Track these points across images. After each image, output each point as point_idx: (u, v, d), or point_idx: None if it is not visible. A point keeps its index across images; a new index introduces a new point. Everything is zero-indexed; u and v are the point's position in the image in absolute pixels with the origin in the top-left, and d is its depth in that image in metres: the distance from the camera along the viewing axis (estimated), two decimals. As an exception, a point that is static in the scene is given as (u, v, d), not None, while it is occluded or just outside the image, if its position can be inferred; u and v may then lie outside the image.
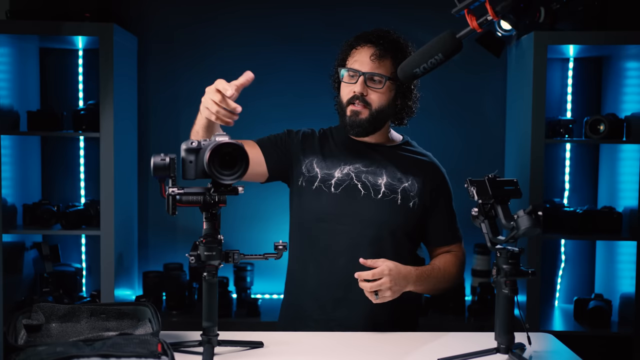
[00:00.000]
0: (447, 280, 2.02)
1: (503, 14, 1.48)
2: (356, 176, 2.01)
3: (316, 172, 2.03)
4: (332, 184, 2.01)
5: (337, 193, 2.00)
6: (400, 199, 1.99)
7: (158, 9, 3.37)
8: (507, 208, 1.61)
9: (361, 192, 1.99)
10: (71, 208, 3.05)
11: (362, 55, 1.99)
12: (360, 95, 1.98)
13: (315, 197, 2.01)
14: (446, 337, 1.86)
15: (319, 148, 2.08)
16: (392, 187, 2.00)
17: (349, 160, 2.04)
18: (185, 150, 1.59)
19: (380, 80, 1.98)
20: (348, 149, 2.07)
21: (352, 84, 1.99)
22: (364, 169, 2.03)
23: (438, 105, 3.39)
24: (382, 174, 2.02)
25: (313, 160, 2.06)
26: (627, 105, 3.11)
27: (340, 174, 2.02)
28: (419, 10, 3.33)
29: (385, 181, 2.01)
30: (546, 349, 1.77)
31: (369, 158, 2.05)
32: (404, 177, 2.02)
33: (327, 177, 2.02)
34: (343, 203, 1.99)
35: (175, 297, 3.17)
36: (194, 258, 1.57)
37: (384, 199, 1.99)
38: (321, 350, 1.73)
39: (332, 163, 2.04)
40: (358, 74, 1.98)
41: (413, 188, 2.01)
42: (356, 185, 2.00)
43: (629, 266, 3.07)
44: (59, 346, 1.44)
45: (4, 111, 2.97)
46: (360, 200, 1.99)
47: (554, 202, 3.22)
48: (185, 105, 3.38)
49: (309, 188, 2.02)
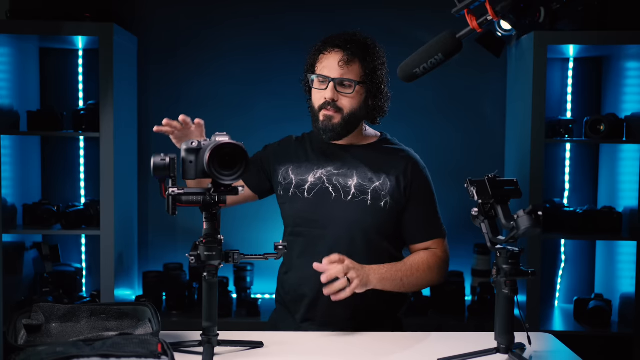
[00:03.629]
0: (419, 277, 1.99)
1: (503, 14, 1.48)
2: (328, 179, 2.04)
3: (291, 178, 2.08)
4: (306, 189, 2.05)
5: (310, 198, 2.04)
6: (370, 199, 2.01)
7: (158, 9, 3.37)
8: (507, 208, 1.61)
9: (332, 195, 2.02)
10: (71, 208, 3.05)
11: (331, 61, 2.00)
12: (331, 101, 1.99)
13: (292, 203, 2.06)
14: (446, 337, 1.86)
15: (294, 155, 2.12)
16: (362, 187, 2.02)
17: (322, 164, 2.07)
18: (185, 150, 1.59)
19: (350, 85, 2.00)
20: (322, 153, 2.10)
21: (322, 90, 2.01)
22: (335, 172, 2.05)
23: (438, 105, 3.40)
24: (353, 175, 2.04)
25: (289, 168, 2.10)
26: (627, 105, 3.11)
27: (313, 178, 2.06)
28: (419, 10, 3.34)
29: (355, 182, 2.03)
30: (546, 349, 1.77)
31: (341, 160, 2.07)
32: (375, 177, 2.04)
33: (301, 182, 2.06)
34: (316, 207, 2.02)
35: (175, 297, 3.17)
36: (194, 258, 1.57)
37: (353, 200, 2.01)
38: (321, 350, 1.73)
39: (306, 169, 2.08)
40: (328, 80, 2.00)
41: (385, 187, 2.02)
42: (327, 189, 2.03)
43: (629, 266, 3.07)
44: (59, 346, 1.44)
45: (4, 111, 2.97)
46: (332, 203, 2.02)
47: (554, 202, 3.22)
48: (185, 105, 3.38)
49: (286, 195, 2.07)
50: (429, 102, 3.40)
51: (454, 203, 3.21)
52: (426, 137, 3.39)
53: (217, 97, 3.38)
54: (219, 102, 3.38)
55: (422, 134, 3.39)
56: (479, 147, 3.41)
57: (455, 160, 3.37)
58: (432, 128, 3.39)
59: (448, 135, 3.40)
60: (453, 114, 3.41)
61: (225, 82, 3.38)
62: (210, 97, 3.38)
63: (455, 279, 3.24)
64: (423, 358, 1.68)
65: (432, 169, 2.18)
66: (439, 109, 3.39)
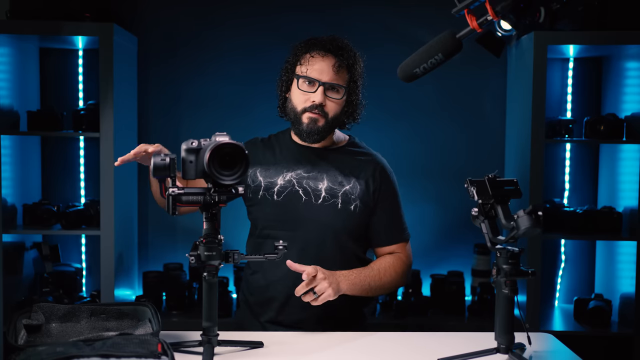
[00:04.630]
0: (386, 282, 2.02)
1: (503, 14, 1.48)
2: (297, 182, 2.04)
3: (259, 181, 2.07)
4: (275, 192, 2.04)
5: (280, 200, 2.03)
6: (340, 202, 2.02)
7: (158, 9, 3.37)
8: (507, 208, 1.61)
9: (302, 198, 2.02)
10: (71, 208, 3.05)
11: (323, 65, 2.00)
12: (318, 105, 1.99)
13: (260, 205, 2.06)
14: (446, 337, 1.86)
15: (262, 157, 2.11)
16: (333, 191, 2.02)
17: (292, 166, 2.07)
18: (185, 150, 1.59)
19: (340, 90, 2.01)
20: (291, 155, 2.09)
21: (309, 92, 2.00)
22: (305, 175, 2.05)
23: (438, 105, 3.40)
24: (323, 178, 2.04)
25: (256, 170, 2.09)
26: (627, 105, 3.11)
27: (282, 181, 2.05)
28: (419, 10, 3.34)
29: (325, 186, 2.03)
30: (546, 349, 1.77)
31: (311, 163, 2.07)
32: (345, 180, 2.04)
33: (270, 185, 2.05)
34: (286, 210, 2.02)
35: (175, 297, 3.17)
36: (194, 258, 1.57)
37: (324, 203, 2.01)
38: (321, 350, 1.73)
39: (275, 171, 2.07)
40: (318, 83, 1.99)
41: (354, 190, 2.03)
42: (297, 192, 2.03)
43: (629, 266, 3.07)
44: (59, 346, 1.44)
45: (4, 111, 2.97)
46: (302, 206, 2.02)
47: (554, 202, 3.22)
48: (185, 105, 3.39)
49: (255, 197, 2.06)
50: (429, 102, 3.40)
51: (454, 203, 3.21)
52: (426, 137, 3.39)
53: (217, 98, 3.38)
54: (219, 102, 3.38)
55: (422, 134, 3.39)
56: (479, 147, 3.41)
57: (455, 160, 3.37)
58: (432, 128, 3.38)
59: (448, 135, 3.40)
60: (453, 114, 3.41)
61: (225, 82, 3.38)
62: (210, 97, 3.38)
63: (455, 279, 3.24)
64: (423, 358, 1.68)
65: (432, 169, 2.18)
66: (438, 109, 3.39)
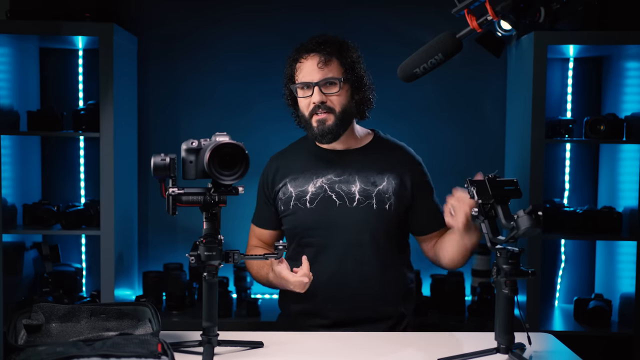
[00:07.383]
0: None
1: (503, 14, 1.48)
2: (330, 187, 2.04)
3: (290, 192, 2.08)
4: (307, 199, 2.05)
5: (313, 207, 2.04)
6: (375, 203, 2.02)
7: (158, 9, 3.37)
8: (507, 208, 1.61)
9: (336, 202, 2.03)
10: (71, 208, 3.05)
11: (309, 66, 2.01)
12: (320, 104, 1.99)
13: (294, 215, 2.07)
14: (446, 337, 1.86)
15: (288, 169, 2.12)
16: (366, 192, 2.03)
17: (321, 172, 2.07)
18: (185, 150, 1.59)
19: (335, 82, 2.01)
20: (319, 161, 2.09)
21: (308, 96, 2.02)
22: (336, 179, 2.05)
23: (438, 105, 3.40)
24: (355, 180, 2.05)
25: (287, 182, 2.10)
26: (627, 105, 3.11)
27: (313, 188, 2.06)
28: (419, 10, 3.33)
29: (358, 188, 2.03)
30: (546, 349, 1.77)
31: (341, 167, 2.07)
32: (378, 180, 2.05)
33: (302, 194, 2.06)
34: (320, 216, 2.03)
35: (175, 297, 3.16)
36: (194, 258, 1.57)
37: (359, 206, 2.02)
38: (321, 350, 1.73)
39: (304, 179, 2.08)
40: (311, 85, 2.00)
41: (389, 188, 2.04)
42: (331, 197, 2.04)
43: (629, 266, 3.06)
44: (59, 346, 1.44)
45: (4, 111, 2.97)
46: (337, 211, 2.02)
47: (554, 202, 3.22)
48: (186, 105, 3.39)
49: (287, 208, 2.08)
50: (429, 102, 3.40)
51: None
52: (426, 136, 3.39)
53: (218, 98, 3.38)
54: (219, 103, 3.38)
55: (422, 134, 3.38)
56: (479, 147, 3.41)
57: (455, 160, 3.37)
58: (432, 128, 3.38)
59: (448, 135, 3.40)
60: (453, 114, 3.41)
61: (225, 82, 3.38)
62: (210, 96, 3.38)
63: (455, 279, 3.24)
64: (423, 358, 1.68)
65: (432, 169, 2.18)
66: (438, 109, 3.39)
